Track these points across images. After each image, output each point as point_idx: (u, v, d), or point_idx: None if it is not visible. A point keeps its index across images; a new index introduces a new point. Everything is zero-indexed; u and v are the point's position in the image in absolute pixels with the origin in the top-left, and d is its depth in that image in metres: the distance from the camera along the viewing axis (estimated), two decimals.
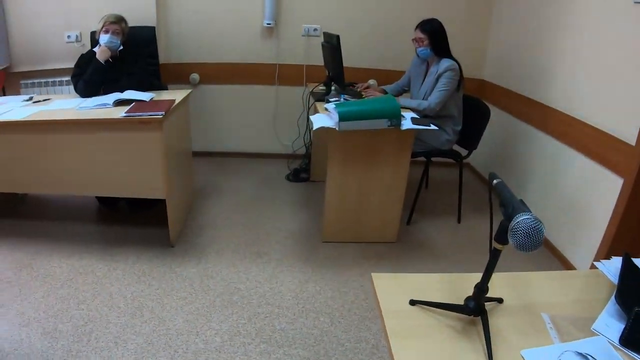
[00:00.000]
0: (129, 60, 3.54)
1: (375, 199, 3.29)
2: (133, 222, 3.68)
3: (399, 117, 2.94)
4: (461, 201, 3.81)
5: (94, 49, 3.46)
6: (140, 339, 2.48)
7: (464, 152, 3.71)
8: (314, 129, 3.04)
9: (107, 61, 3.41)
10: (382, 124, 2.94)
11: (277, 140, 5.01)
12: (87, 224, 3.72)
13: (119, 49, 3.47)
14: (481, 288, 1.25)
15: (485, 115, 3.58)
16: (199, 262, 3.18)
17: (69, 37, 4.38)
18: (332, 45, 3.53)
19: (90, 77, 3.39)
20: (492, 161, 4.47)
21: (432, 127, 3.12)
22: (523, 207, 1.12)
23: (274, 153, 5.06)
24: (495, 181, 1.26)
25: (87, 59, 3.45)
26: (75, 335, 2.51)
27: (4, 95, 4.19)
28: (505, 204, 1.17)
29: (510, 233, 1.09)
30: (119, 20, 3.47)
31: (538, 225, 1.06)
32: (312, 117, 3.18)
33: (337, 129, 2.93)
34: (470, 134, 3.64)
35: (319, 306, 2.77)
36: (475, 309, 1.26)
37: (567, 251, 3.25)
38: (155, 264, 3.14)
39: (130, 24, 3.64)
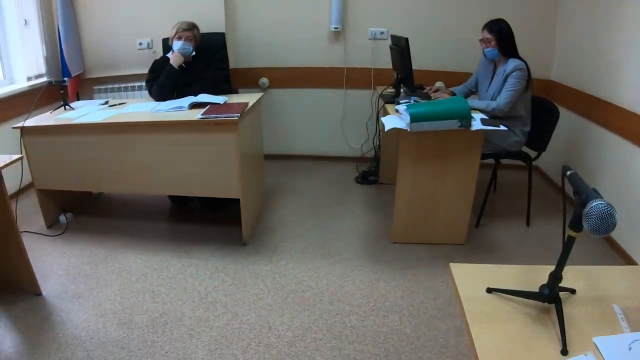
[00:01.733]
0: (201, 65, 3.65)
1: (445, 200, 3.26)
2: (206, 221, 3.79)
3: (469, 118, 2.92)
4: (530, 204, 3.73)
5: (167, 55, 3.60)
6: (214, 332, 2.54)
7: (533, 153, 3.63)
8: (386, 129, 3.06)
9: (180, 66, 3.54)
10: (453, 124, 2.93)
11: (346, 143, 5.04)
12: (161, 222, 3.86)
13: (192, 54, 3.59)
14: (556, 275, 1.28)
15: (554, 116, 3.50)
16: (271, 260, 3.24)
17: (140, 44, 4.60)
18: (400, 47, 3.54)
19: (164, 81, 3.52)
20: (560, 163, 4.35)
21: (502, 127, 3.08)
22: (596, 195, 1.14)
23: (343, 156, 5.10)
24: (569, 172, 1.29)
25: (161, 64, 3.59)
26: (151, 327, 2.60)
27: (79, 100, 4.40)
28: (579, 191, 1.20)
29: (585, 218, 1.12)
30: (192, 27, 3.60)
31: (610, 209, 1.09)
32: (383, 119, 3.20)
33: (408, 129, 2.94)
34: (539, 135, 3.56)
35: (389, 305, 2.77)
36: (550, 296, 1.29)
37: (636, 255, 3.14)
38: (228, 261, 3.22)
39: (202, 30, 3.76)
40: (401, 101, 3.43)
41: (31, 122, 3.37)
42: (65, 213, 3.76)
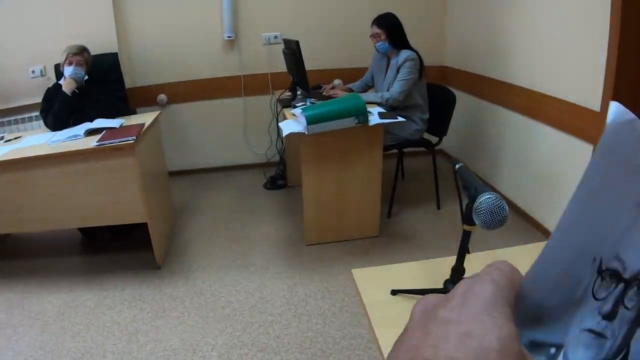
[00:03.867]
0: (95, 89, 3.55)
1: (353, 196, 3.34)
2: (118, 249, 3.69)
3: (365, 114, 3.00)
4: (438, 188, 3.88)
5: (60, 82, 3.47)
6: None
7: (434, 139, 3.78)
8: (283, 135, 3.09)
9: (73, 92, 3.42)
10: (350, 122, 2.99)
11: (251, 151, 5.04)
12: (72, 256, 3.73)
13: (85, 79, 3.48)
14: (457, 270, 1.30)
15: (451, 101, 3.66)
16: (187, 280, 3.21)
17: (33, 72, 4.37)
18: (292, 50, 3.58)
19: (58, 110, 3.40)
20: (464, 145, 4.56)
21: (400, 118, 3.18)
22: (484, 188, 1.16)
23: (249, 163, 5.09)
24: (457, 166, 1.31)
25: (54, 92, 3.46)
26: None
27: None
28: (467, 186, 1.21)
29: (475, 214, 1.13)
30: (81, 50, 3.48)
31: (499, 202, 1.11)
32: (281, 124, 3.23)
33: (306, 132, 2.98)
34: (439, 121, 3.71)
35: (311, 309, 2.82)
36: None
37: (547, 222, 3.35)
38: (144, 287, 3.17)
39: (93, 52, 3.64)
40: (297, 104, 3.47)
41: None
42: None
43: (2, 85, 4.42)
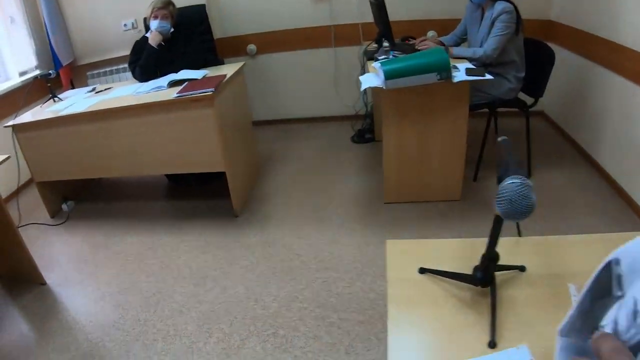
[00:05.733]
0: (182, 40, 3.62)
1: (436, 156, 3.17)
2: (200, 196, 3.82)
3: (448, 70, 2.79)
4: (531, 153, 3.57)
5: (147, 35, 3.57)
6: (204, 307, 2.60)
7: (530, 100, 3.47)
8: (362, 89, 2.98)
9: (160, 45, 3.51)
10: (431, 78, 2.80)
11: (340, 102, 4.91)
12: (158, 200, 3.93)
13: (170, 31, 3.54)
14: (488, 257, 1.13)
15: (549, 59, 3.32)
16: (262, 230, 3.25)
17: (125, 25, 4.58)
18: (378, 0, 3.41)
19: (145, 62, 3.51)
20: (566, 109, 4.16)
21: (488, 76, 2.94)
22: (517, 171, 0.99)
23: (338, 115, 5.00)
24: (499, 139, 1.10)
25: (141, 45, 3.57)
26: (144, 306, 2.68)
27: (73, 88, 4.44)
28: (499, 164, 1.04)
29: (495, 201, 0.98)
30: (167, 4, 3.54)
31: (523, 190, 0.95)
32: (361, 78, 3.11)
33: (383, 87, 2.84)
34: (535, 80, 3.40)
35: (377, 270, 2.74)
36: (483, 279, 1.14)
37: None
38: (220, 235, 3.25)
39: (181, 4, 3.71)
40: (379, 57, 3.31)
41: (22, 118, 3.46)
42: (67, 201, 3.85)
43: (97, 39, 4.70)
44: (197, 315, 2.54)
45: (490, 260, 1.13)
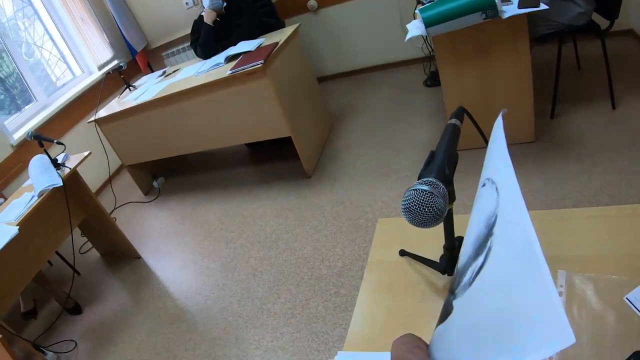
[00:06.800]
0: (236, 13, 3.65)
1: (500, 97, 2.99)
2: (277, 159, 3.93)
3: (493, 6, 2.56)
4: (612, 82, 3.14)
5: (202, 13, 3.65)
6: (274, 269, 2.75)
7: (605, 23, 3.12)
8: (406, 39, 2.87)
9: (215, 21, 3.58)
10: (476, 18, 2.60)
11: (410, 45, 4.59)
12: (239, 167, 4.12)
13: (223, 6, 3.60)
14: (448, 248, 1.06)
15: None
16: (332, 189, 3.30)
17: (187, 3, 4.72)
18: None
19: (204, 40, 3.62)
20: None
21: (543, 6, 2.69)
22: (433, 168, 0.88)
23: (409, 59, 4.81)
24: (451, 121, 1.00)
25: (199, 24, 3.67)
26: (222, 271, 2.89)
27: (152, 70, 4.70)
28: (428, 160, 0.93)
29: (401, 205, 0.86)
30: None
31: (429, 198, 0.82)
32: (408, 25, 2.98)
33: (426, 35, 2.72)
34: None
35: None
36: (448, 266, 1.08)
37: None
38: (293, 197, 3.37)
39: None
40: (425, 1, 3.13)
41: (102, 112, 3.78)
42: (157, 178, 4.17)
43: (163, 21, 4.92)
44: (268, 278, 2.70)
45: (449, 250, 1.07)
